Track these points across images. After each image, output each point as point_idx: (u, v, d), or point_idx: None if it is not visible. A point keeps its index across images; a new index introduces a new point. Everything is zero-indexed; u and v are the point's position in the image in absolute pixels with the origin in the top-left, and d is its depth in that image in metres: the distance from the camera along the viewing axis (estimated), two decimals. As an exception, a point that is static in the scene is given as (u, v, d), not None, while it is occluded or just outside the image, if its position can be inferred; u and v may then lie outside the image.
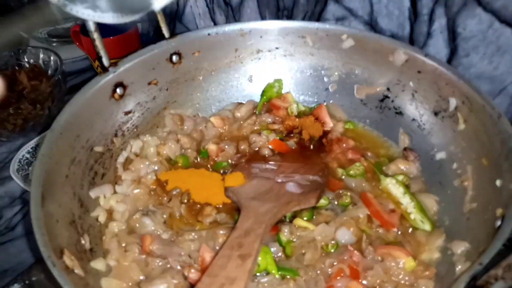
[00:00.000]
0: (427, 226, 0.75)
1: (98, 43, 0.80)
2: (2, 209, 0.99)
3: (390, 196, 0.80)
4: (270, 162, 0.87)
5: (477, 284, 0.47)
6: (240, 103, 1.01)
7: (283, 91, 1.02)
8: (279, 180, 0.82)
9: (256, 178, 0.83)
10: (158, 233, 0.75)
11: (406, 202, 0.78)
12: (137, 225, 0.76)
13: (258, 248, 0.63)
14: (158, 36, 0.92)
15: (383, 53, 0.89)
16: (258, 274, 0.68)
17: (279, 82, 1.02)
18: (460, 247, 0.67)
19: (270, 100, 1.00)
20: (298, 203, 0.76)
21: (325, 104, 0.99)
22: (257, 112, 0.99)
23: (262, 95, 1.01)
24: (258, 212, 0.71)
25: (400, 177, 0.82)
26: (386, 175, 0.84)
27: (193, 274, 0.67)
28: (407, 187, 0.81)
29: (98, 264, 0.67)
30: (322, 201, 0.79)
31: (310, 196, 0.77)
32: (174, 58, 0.93)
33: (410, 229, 0.76)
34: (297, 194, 0.78)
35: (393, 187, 0.81)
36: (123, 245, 0.73)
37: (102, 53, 0.81)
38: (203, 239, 0.73)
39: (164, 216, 0.77)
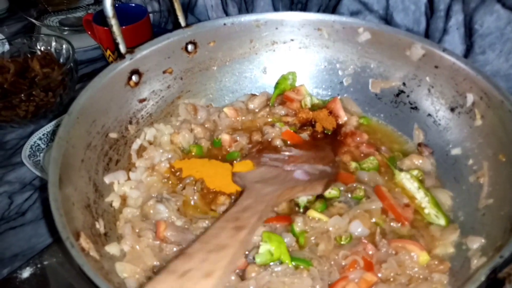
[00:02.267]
0: (442, 221, 0.75)
1: (116, 29, 0.80)
2: (13, 194, 0.99)
3: (404, 191, 0.80)
4: (282, 153, 0.87)
5: (498, 277, 0.47)
6: (254, 95, 1.01)
7: (297, 84, 1.02)
8: (288, 168, 0.82)
9: (265, 165, 0.83)
10: (172, 220, 0.75)
11: (421, 196, 0.78)
12: (151, 211, 0.76)
13: (255, 224, 0.63)
14: (172, 26, 0.92)
15: (400, 47, 0.89)
16: (271, 263, 0.68)
17: (293, 74, 1.01)
18: (475, 243, 0.67)
19: (283, 93, 1.00)
20: (303, 189, 0.76)
21: (339, 97, 0.98)
22: (270, 104, 0.99)
23: (275, 87, 1.01)
24: (260, 193, 0.71)
25: (415, 172, 0.82)
26: (400, 170, 0.83)
27: None
28: (421, 182, 0.81)
29: (112, 249, 0.67)
30: (334, 192, 0.79)
31: (317, 183, 0.77)
32: (190, 47, 0.93)
33: (425, 224, 0.75)
34: (304, 181, 0.78)
35: (407, 181, 0.80)
36: (137, 230, 0.73)
37: (119, 39, 0.81)
38: None
39: (178, 203, 0.77)
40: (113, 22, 0.79)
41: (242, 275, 0.67)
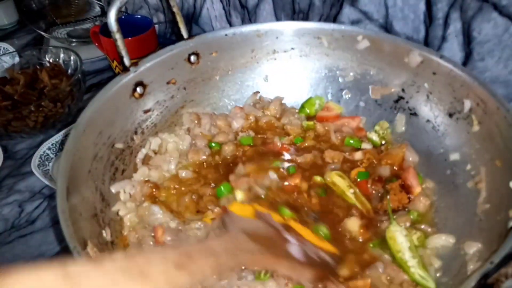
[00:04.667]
0: (431, 284, 0.68)
1: (120, 43, 0.83)
2: (23, 203, 1.02)
3: (392, 240, 0.74)
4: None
5: (487, 282, 0.48)
6: (257, 92, 1.03)
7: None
8: (286, 236, 0.67)
9: (264, 221, 0.69)
10: (167, 222, 0.77)
11: (409, 256, 0.72)
12: (146, 213, 0.78)
13: (202, 273, 0.50)
14: (176, 37, 0.94)
15: (398, 55, 0.90)
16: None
17: (321, 99, 1.01)
18: (472, 248, 0.68)
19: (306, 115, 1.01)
20: (290, 266, 0.63)
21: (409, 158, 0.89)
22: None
23: (300, 110, 1.02)
24: (237, 245, 0.58)
25: (416, 235, 0.76)
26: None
27: None
28: (416, 246, 0.74)
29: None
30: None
31: (308, 269, 0.64)
32: (192, 58, 0.95)
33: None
34: (296, 258, 0.64)
35: (401, 237, 0.74)
36: (136, 236, 0.75)
37: (124, 53, 0.84)
38: (209, 228, 0.75)
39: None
40: (118, 36, 0.82)
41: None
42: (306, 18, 1.20)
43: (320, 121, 0.98)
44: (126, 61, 0.85)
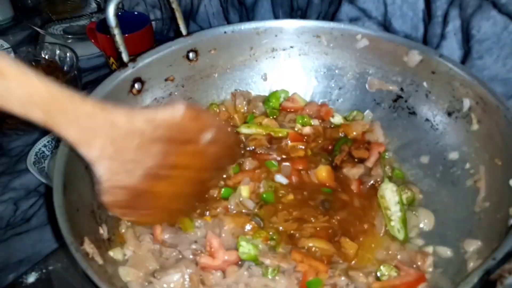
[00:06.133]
0: (401, 236, 0.75)
1: (118, 38, 0.82)
2: (18, 201, 1.01)
3: (382, 199, 0.80)
4: None
5: (490, 278, 0.48)
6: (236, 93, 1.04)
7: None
8: None
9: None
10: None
11: (394, 210, 0.78)
12: None
13: None
14: (174, 34, 0.93)
15: (397, 54, 0.90)
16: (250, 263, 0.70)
17: (286, 93, 1.02)
18: (472, 245, 0.68)
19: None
20: None
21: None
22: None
23: (265, 102, 1.01)
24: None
25: (407, 193, 0.81)
26: (390, 178, 0.84)
27: (203, 259, 0.69)
28: (402, 200, 0.80)
29: (115, 253, 0.69)
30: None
31: None
32: (191, 55, 0.95)
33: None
34: None
35: (390, 193, 0.80)
36: (137, 235, 0.74)
37: (122, 48, 0.83)
38: (209, 226, 0.75)
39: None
40: (116, 31, 0.81)
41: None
42: (304, 15, 1.20)
43: (283, 111, 1.00)
44: (125, 57, 0.84)
